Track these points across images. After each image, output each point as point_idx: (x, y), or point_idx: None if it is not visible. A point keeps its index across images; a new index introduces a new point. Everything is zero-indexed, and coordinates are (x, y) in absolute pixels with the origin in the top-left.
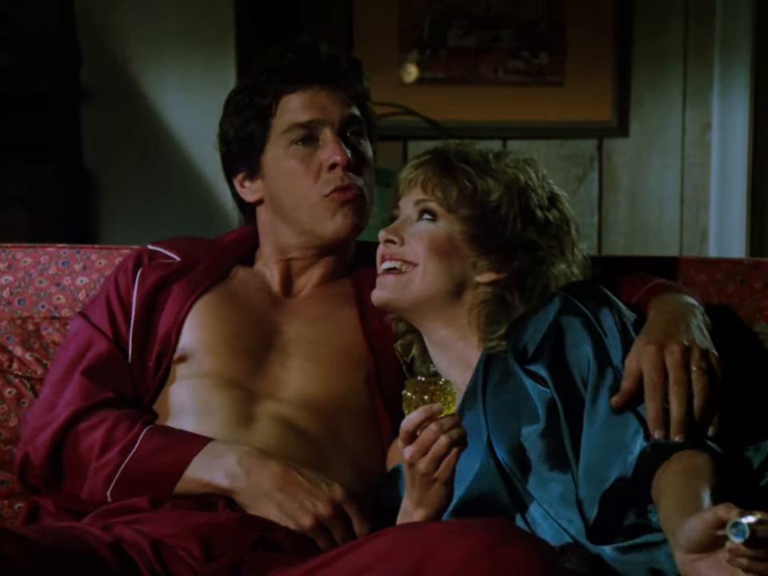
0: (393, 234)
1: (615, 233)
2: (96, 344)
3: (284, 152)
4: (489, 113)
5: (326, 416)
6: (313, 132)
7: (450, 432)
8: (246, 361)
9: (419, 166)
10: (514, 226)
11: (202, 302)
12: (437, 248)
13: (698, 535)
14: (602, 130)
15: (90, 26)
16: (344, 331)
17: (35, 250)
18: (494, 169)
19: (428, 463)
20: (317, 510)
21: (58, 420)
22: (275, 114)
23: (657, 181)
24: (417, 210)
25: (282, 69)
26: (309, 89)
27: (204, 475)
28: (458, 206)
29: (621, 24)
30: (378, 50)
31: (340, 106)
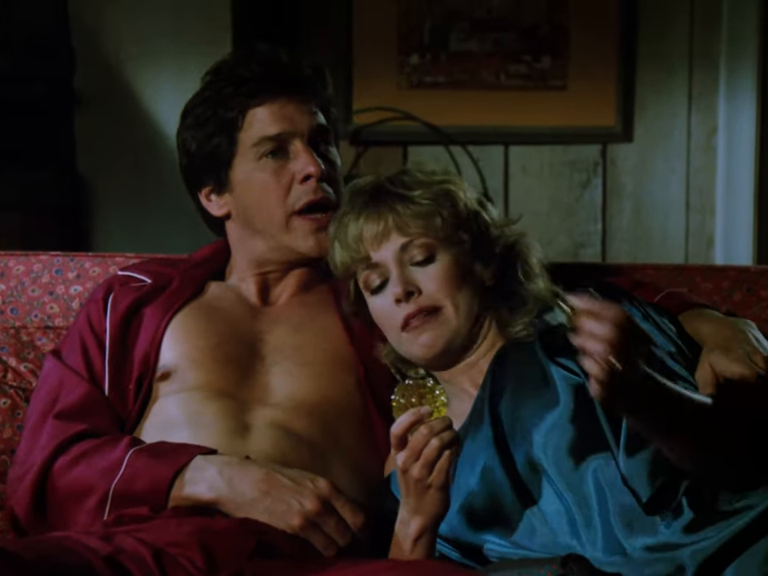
0: (410, 285)
1: (619, 240)
2: (67, 385)
3: (253, 165)
4: (490, 118)
5: (322, 418)
6: (283, 144)
7: (441, 435)
8: (232, 370)
9: (375, 215)
10: (485, 222)
11: (178, 318)
12: (455, 281)
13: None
14: (606, 134)
15: (83, 30)
16: (328, 337)
17: (28, 257)
18: (435, 180)
19: (421, 468)
20: (304, 507)
21: (33, 468)
22: (242, 127)
23: (662, 186)
24: (410, 254)
25: (247, 81)
26: (276, 101)
27: (188, 491)
28: (446, 228)
29: (624, 26)
30: (377, 54)
31: (308, 115)
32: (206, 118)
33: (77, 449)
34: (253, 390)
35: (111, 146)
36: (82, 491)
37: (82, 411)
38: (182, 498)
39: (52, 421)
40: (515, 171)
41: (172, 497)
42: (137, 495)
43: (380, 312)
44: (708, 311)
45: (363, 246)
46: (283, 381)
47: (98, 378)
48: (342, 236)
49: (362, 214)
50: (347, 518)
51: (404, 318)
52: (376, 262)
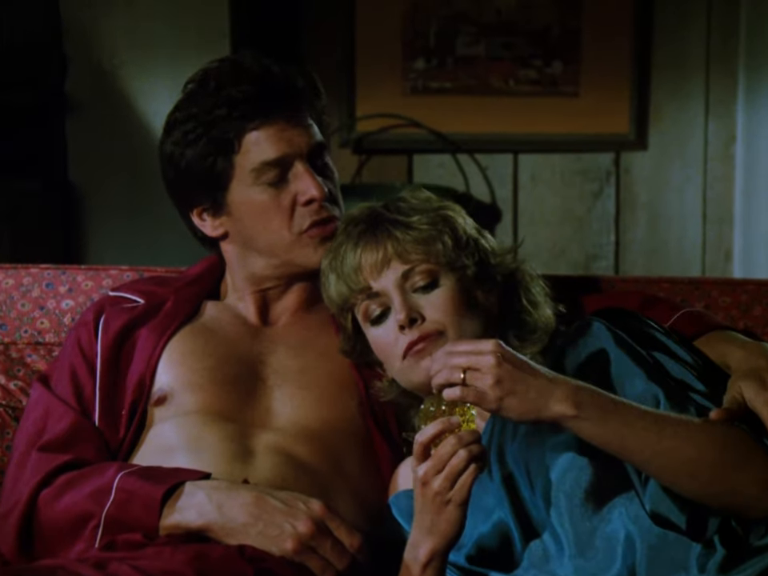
0: (413, 311)
1: (633, 252)
2: (53, 416)
3: (253, 189)
4: (499, 125)
5: (324, 444)
6: (283, 168)
7: (469, 447)
8: (232, 393)
9: (374, 243)
10: (484, 249)
11: (174, 341)
12: (458, 307)
13: None
14: (620, 142)
15: (76, 34)
16: (329, 358)
17: (17, 270)
18: (432, 206)
19: (443, 480)
20: (297, 530)
21: (18, 505)
22: (239, 150)
23: (677, 197)
24: (412, 281)
25: (240, 102)
26: (273, 123)
27: (177, 519)
28: (447, 254)
29: (639, 30)
30: (381, 59)
31: (306, 135)
32: (196, 137)
33: (62, 479)
34: (253, 413)
35: (104, 155)
36: (72, 520)
37: (69, 442)
38: (172, 527)
39: (36, 454)
40: (525, 180)
41: (163, 526)
42: (129, 521)
43: (381, 343)
44: (732, 334)
45: (363, 276)
46: (285, 404)
47: (87, 405)
48: (338, 267)
49: (360, 243)
50: (344, 540)
51: (407, 346)
52: (377, 291)
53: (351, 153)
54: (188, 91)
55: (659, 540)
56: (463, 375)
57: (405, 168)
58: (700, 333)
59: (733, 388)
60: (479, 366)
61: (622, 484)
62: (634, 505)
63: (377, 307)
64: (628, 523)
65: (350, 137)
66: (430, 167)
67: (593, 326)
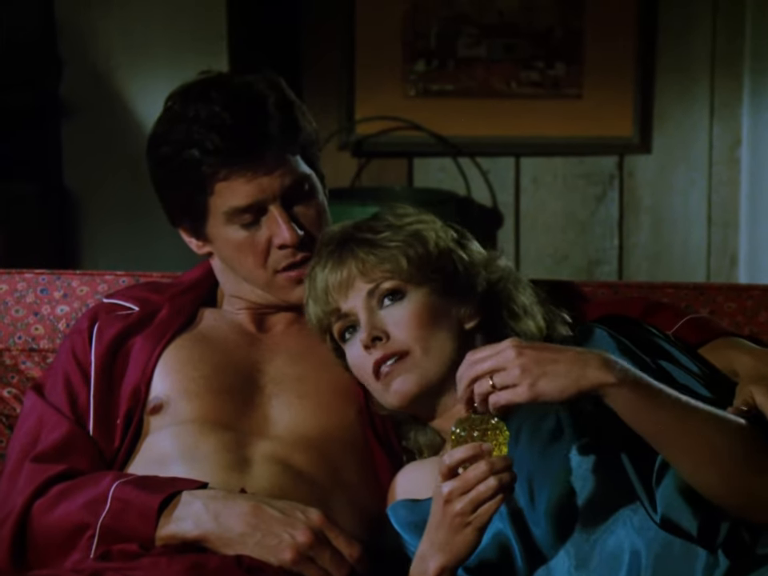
0: (376, 330)
1: (637, 257)
2: (47, 425)
3: (227, 228)
4: (501, 128)
5: (323, 453)
6: (256, 212)
7: (500, 475)
8: (229, 401)
9: (339, 263)
10: (461, 261)
11: (170, 349)
12: (424, 322)
13: None
14: (623, 146)
15: (71, 35)
16: (328, 367)
17: (11, 276)
18: (405, 222)
19: (467, 503)
20: (295, 540)
21: (11, 516)
22: (211, 193)
23: (682, 201)
24: (377, 299)
25: (209, 153)
26: (244, 174)
27: (173, 529)
28: (413, 270)
29: (643, 31)
30: (381, 60)
31: (279, 177)
32: (175, 167)
33: (56, 489)
34: (251, 422)
35: (100, 159)
36: (66, 530)
37: (62, 452)
38: (168, 537)
39: (30, 465)
40: (527, 184)
41: (159, 536)
42: (125, 531)
43: (353, 362)
44: (739, 340)
45: (332, 297)
46: (283, 413)
47: (82, 415)
48: (311, 289)
49: (327, 265)
50: (342, 550)
51: (374, 365)
52: (345, 312)
53: (350, 156)
54: (168, 108)
55: (665, 552)
56: (491, 381)
57: (405, 171)
58: (705, 340)
59: (742, 392)
60: (501, 364)
61: (626, 495)
62: (638, 516)
63: (348, 327)
64: (633, 535)
65: (349, 140)
66: (430, 171)
67: (595, 332)
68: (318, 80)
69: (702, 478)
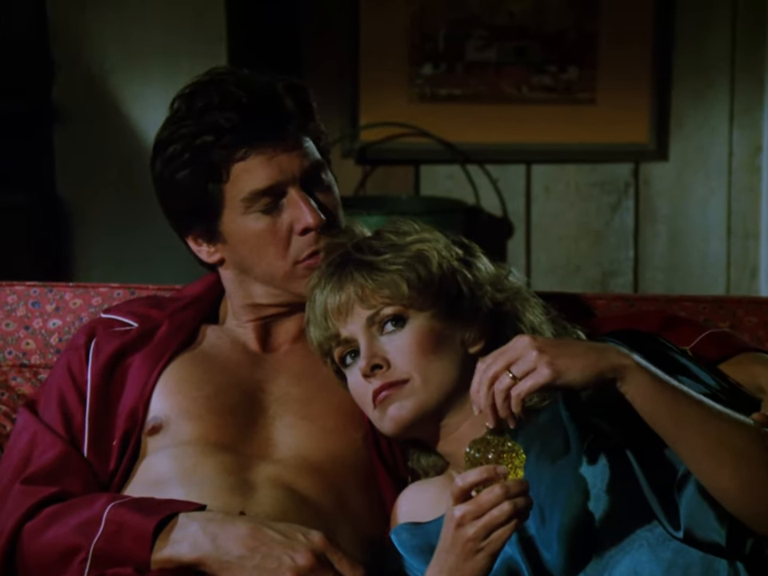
0: (376, 358)
1: (653, 268)
2: (40, 445)
3: (246, 218)
4: (511, 134)
5: (328, 478)
6: (275, 195)
7: (515, 499)
8: (231, 422)
9: (338, 287)
10: (466, 282)
11: (170, 368)
12: (426, 348)
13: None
14: (639, 152)
15: (64, 38)
16: (334, 388)
17: (1, 288)
18: (407, 242)
19: (480, 528)
20: (296, 563)
21: (0, 538)
22: (227, 180)
23: (700, 210)
24: (378, 325)
25: (226, 132)
26: (262, 152)
27: (169, 552)
28: (414, 294)
29: (660, 34)
30: (386, 64)
31: (299, 158)
32: (184, 162)
33: (48, 511)
34: (253, 444)
35: (94, 167)
36: (58, 553)
37: (55, 474)
38: (164, 561)
39: (20, 486)
40: (538, 192)
41: (154, 560)
42: (119, 554)
43: (353, 389)
44: (763, 355)
45: (331, 323)
46: (287, 435)
47: (76, 435)
48: (311, 312)
49: (326, 289)
50: (345, 573)
51: (372, 395)
52: (345, 337)
53: (354, 163)
54: (175, 109)
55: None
56: (511, 374)
57: (411, 179)
58: (726, 355)
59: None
60: (516, 354)
61: (642, 514)
62: (655, 536)
63: (348, 353)
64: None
65: (353, 146)
66: (437, 179)
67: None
68: (320, 84)
69: (723, 483)
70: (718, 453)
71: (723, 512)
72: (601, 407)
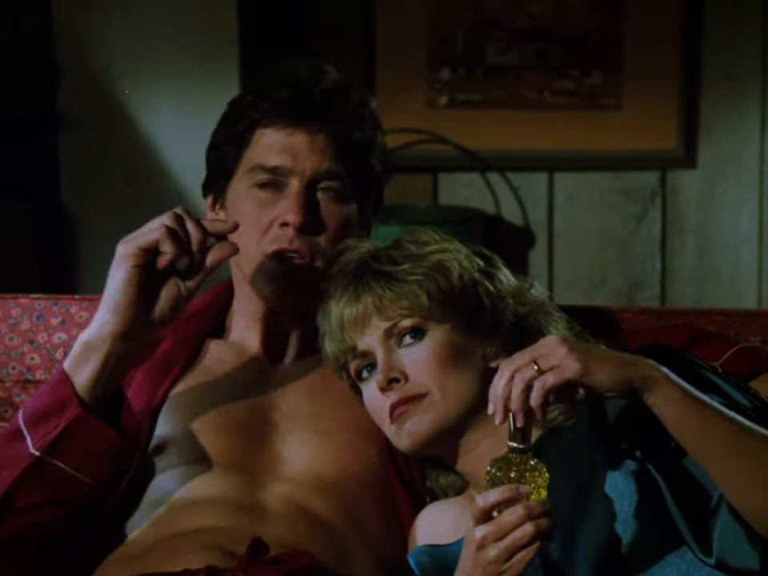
0: (394, 372)
1: (681, 280)
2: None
3: (245, 192)
4: (533, 141)
5: (342, 497)
6: (278, 179)
7: (538, 520)
8: (239, 439)
9: (354, 298)
10: (488, 294)
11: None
12: (445, 362)
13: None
14: (666, 160)
15: (70, 39)
16: (347, 403)
17: (5, 301)
18: (426, 252)
19: (502, 551)
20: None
21: None
22: (248, 145)
23: (730, 219)
24: (396, 337)
25: (266, 96)
26: (285, 127)
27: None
28: (434, 305)
29: (689, 37)
30: (403, 68)
31: (318, 155)
32: (226, 122)
33: None
34: (263, 461)
35: (100, 175)
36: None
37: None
38: (88, 379)
39: None
40: (561, 201)
41: (81, 389)
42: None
43: (370, 404)
44: None
45: (348, 335)
46: (298, 451)
47: None
48: (326, 324)
49: (342, 300)
50: (218, 228)
51: (389, 409)
52: (362, 350)
53: None
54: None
55: None
56: (536, 366)
57: (429, 188)
58: (758, 372)
59: None
60: (545, 350)
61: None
62: (685, 561)
63: (365, 366)
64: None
65: None
66: (456, 187)
67: None
68: None
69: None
70: (751, 472)
71: (756, 534)
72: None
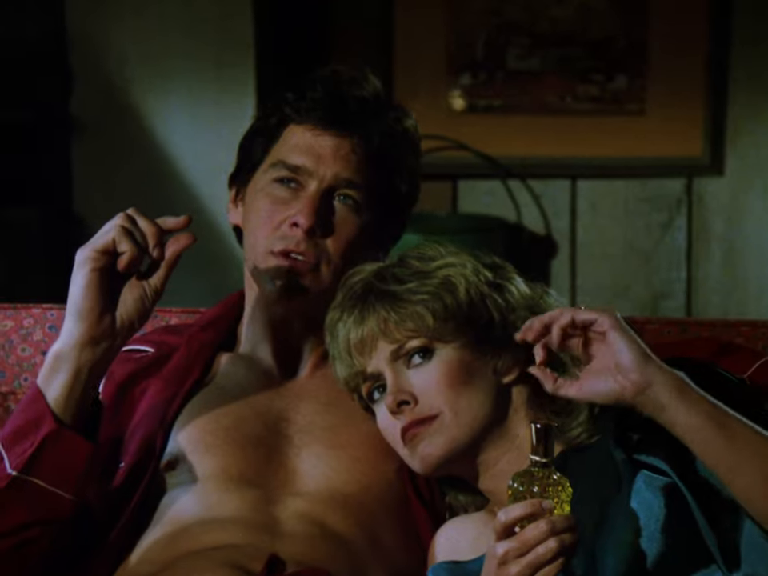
0: (403, 394)
1: (707, 290)
2: None
3: (264, 186)
4: (555, 147)
5: (359, 512)
6: (298, 178)
7: (562, 536)
8: (253, 454)
9: (359, 321)
10: (497, 307)
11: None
12: (455, 381)
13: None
14: (692, 167)
15: (82, 44)
16: (363, 417)
17: (17, 311)
18: (432, 268)
19: (524, 567)
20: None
21: None
22: (277, 140)
23: (758, 228)
24: (402, 359)
25: (302, 94)
26: (314, 128)
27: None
28: (440, 324)
29: (715, 41)
30: (422, 73)
31: (341, 162)
32: (261, 115)
33: None
34: (278, 476)
35: (112, 182)
36: None
37: None
38: (60, 389)
39: None
40: (584, 209)
41: (54, 402)
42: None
43: (383, 426)
44: None
45: (356, 359)
46: (314, 466)
47: None
48: (335, 347)
49: (348, 321)
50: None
51: (401, 432)
52: (372, 372)
53: None
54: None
55: None
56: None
57: (449, 195)
58: None
59: None
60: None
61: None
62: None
63: (375, 388)
64: None
65: None
66: (476, 194)
67: None
68: None
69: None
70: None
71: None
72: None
